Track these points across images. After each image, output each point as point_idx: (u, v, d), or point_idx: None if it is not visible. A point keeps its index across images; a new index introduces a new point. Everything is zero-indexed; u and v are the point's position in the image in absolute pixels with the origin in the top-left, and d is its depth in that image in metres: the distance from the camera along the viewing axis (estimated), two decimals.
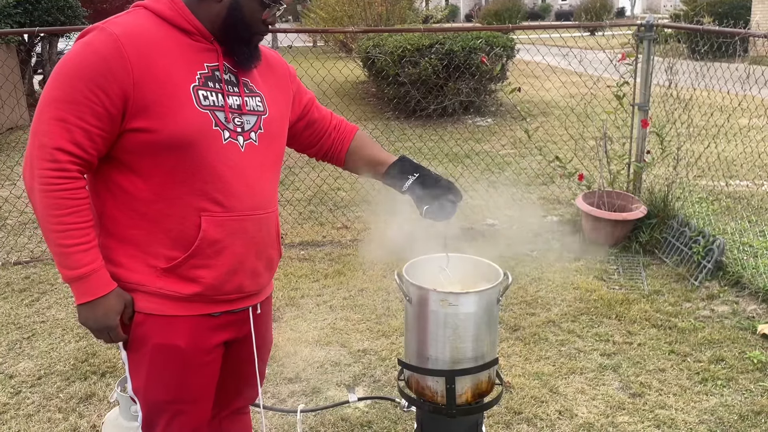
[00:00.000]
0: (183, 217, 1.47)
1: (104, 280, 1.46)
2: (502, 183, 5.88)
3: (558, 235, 4.66)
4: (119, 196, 1.48)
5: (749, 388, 2.83)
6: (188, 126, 1.43)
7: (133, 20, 1.44)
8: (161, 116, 1.41)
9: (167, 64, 1.42)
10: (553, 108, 8.08)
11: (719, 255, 3.80)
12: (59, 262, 1.43)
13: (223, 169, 1.48)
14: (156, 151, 1.43)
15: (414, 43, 8.55)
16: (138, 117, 1.40)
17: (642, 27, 4.45)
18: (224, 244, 1.51)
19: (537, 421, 2.66)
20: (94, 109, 1.37)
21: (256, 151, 1.55)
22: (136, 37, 1.40)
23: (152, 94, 1.40)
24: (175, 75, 1.43)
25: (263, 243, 1.61)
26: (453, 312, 1.92)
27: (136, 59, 1.38)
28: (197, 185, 1.47)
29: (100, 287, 1.45)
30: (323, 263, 4.30)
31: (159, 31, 1.44)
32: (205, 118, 1.46)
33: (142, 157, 1.44)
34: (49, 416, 2.74)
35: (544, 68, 5.46)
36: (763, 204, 4.83)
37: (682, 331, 3.31)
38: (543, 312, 3.56)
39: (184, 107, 1.43)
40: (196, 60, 1.48)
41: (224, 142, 1.48)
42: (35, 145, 1.39)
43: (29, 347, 3.31)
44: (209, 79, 1.49)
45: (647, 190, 4.60)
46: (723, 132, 4.73)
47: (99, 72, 1.36)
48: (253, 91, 1.59)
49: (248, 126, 1.54)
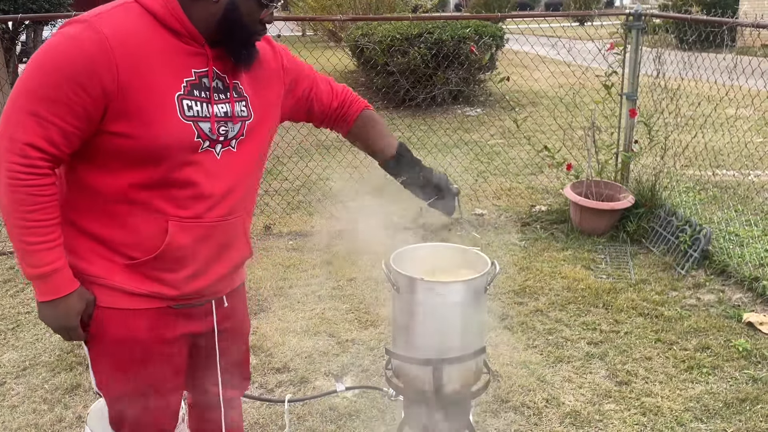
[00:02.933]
0: (150, 220, 1.43)
1: (67, 279, 1.42)
2: (490, 173, 5.88)
3: (546, 224, 4.67)
4: (85, 190, 1.43)
5: (734, 375, 2.85)
6: (169, 137, 1.37)
7: (124, 18, 1.37)
8: (142, 124, 1.35)
9: (154, 69, 1.36)
10: (542, 98, 8.09)
11: (706, 244, 3.83)
12: (21, 259, 1.39)
13: (196, 177, 1.44)
14: (130, 156, 1.38)
15: (403, 33, 8.51)
16: (118, 121, 1.35)
17: (630, 16, 4.45)
18: (190, 249, 1.48)
19: (524, 409, 2.67)
20: (73, 108, 1.31)
21: (233, 158, 1.50)
22: (125, 38, 1.33)
23: (136, 101, 1.34)
24: (161, 82, 1.37)
25: (231, 247, 1.57)
26: (440, 301, 1.91)
27: (123, 63, 1.32)
28: (168, 192, 1.42)
29: (63, 287, 1.41)
30: (312, 253, 4.29)
31: (149, 32, 1.37)
32: (187, 129, 1.40)
33: (115, 159, 1.39)
34: (35, 407, 2.72)
35: (533, 58, 5.45)
36: (750, 193, 4.86)
37: (669, 319, 3.33)
38: (531, 301, 3.57)
39: (167, 117, 1.37)
40: (184, 65, 1.41)
41: (200, 151, 1.43)
42: (4, 136, 1.32)
43: (14, 338, 3.28)
44: (195, 87, 1.42)
45: (635, 179, 4.62)
46: (710, 122, 4.75)
47: (83, 71, 1.30)
48: (242, 95, 1.52)
49: (231, 134, 1.49)
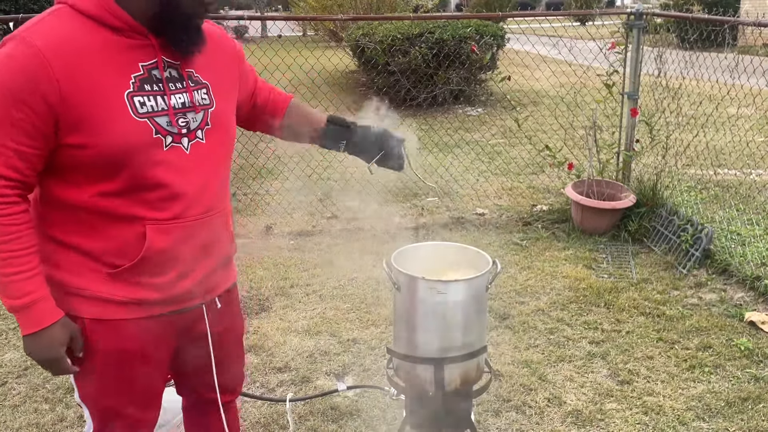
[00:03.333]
0: (126, 226, 1.39)
1: (49, 309, 1.38)
2: (491, 172, 5.88)
3: (547, 224, 4.67)
4: (58, 205, 1.40)
5: (736, 374, 2.85)
6: (124, 138, 1.32)
7: (55, 25, 1.30)
8: (94, 131, 1.30)
9: (97, 72, 1.30)
10: (543, 97, 8.08)
11: (707, 243, 3.82)
12: (1, 292, 1.35)
13: (166, 176, 1.39)
14: (92, 166, 1.34)
15: (404, 32, 8.50)
16: (71, 133, 1.30)
17: (632, 15, 4.44)
18: (172, 252, 1.44)
19: (526, 408, 2.67)
20: (25, 129, 1.27)
21: (204, 149, 1.45)
22: (59, 47, 1.27)
23: (83, 109, 1.29)
24: (106, 84, 1.31)
25: (215, 244, 1.54)
26: (442, 300, 1.91)
27: (61, 73, 1.27)
28: (139, 196, 1.38)
29: (45, 317, 1.37)
30: (313, 253, 4.29)
31: (85, 34, 1.31)
32: (143, 127, 1.35)
33: (78, 171, 1.35)
34: (36, 407, 2.72)
35: (534, 57, 5.45)
36: (751, 193, 4.86)
37: (670, 318, 3.32)
38: (532, 300, 3.57)
39: (119, 119, 1.32)
40: (128, 61, 1.34)
41: (166, 148, 1.38)
42: None
43: (15, 338, 3.27)
44: (146, 81, 1.36)
45: (636, 179, 4.61)
46: (711, 121, 4.74)
47: (24, 88, 1.26)
48: (199, 82, 1.46)
49: (194, 124, 1.43)
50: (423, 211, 5.02)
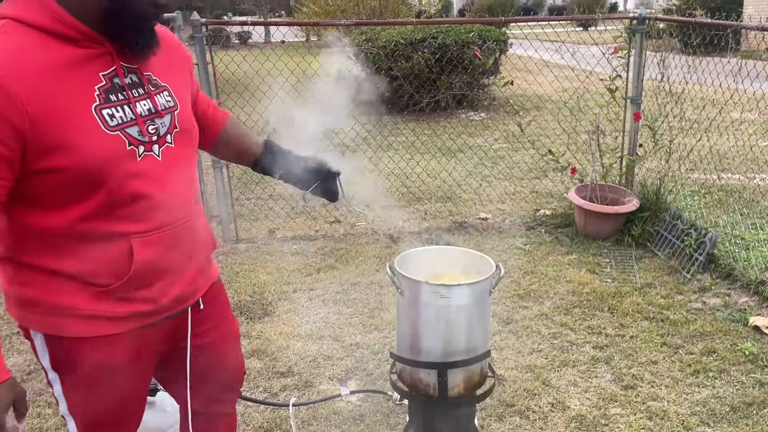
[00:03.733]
0: (110, 245, 1.34)
1: None
2: (494, 177, 5.88)
3: (550, 228, 4.66)
4: (35, 233, 1.32)
5: (741, 379, 2.83)
6: (99, 155, 1.26)
7: (6, 44, 1.21)
8: (67, 152, 1.23)
9: (60, 90, 1.23)
10: (546, 102, 8.08)
11: (711, 248, 3.81)
12: None
13: (143, 187, 1.34)
14: (69, 188, 1.27)
15: (407, 38, 8.52)
16: (43, 157, 1.23)
17: (634, 20, 4.45)
18: (160, 262, 1.41)
19: (529, 413, 2.66)
20: None
21: (174, 154, 1.41)
22: (16, 69, 1.19)
23: (53, 131, 1.22)
24: (71, 101, 1.24)
25: (197, 246, 1.53)
26: (445, 304, 1.91)
27: (25, 98, 1.19)
28: (120, 211, 1.33)
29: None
30: (316, 257, 4.29)
31: (38, 49, 1.23)
32: (116, 140, 1.29)
33: (54, 195, 1.28)
34: (39, 411, 2.72)
35: (536, 62, 5.45)
36: (755, 197, 4.85)
37: (674, 323, 3.31)
38: (536, 305, 3.56)
39: (91, 135, 1.26)
40: (88, 73, 1.28)
41: (139, 158, 1.33)
42: None
43: (18, 342, 3.28)
44: (109, 91, 1.30)
45: (639, 183, 4.61)
46: (715, 125, 4.73)
47: None
48: (159, 85, 1.42)
49: (164, 129, 1.39)
50: (426, 215, 5.01)
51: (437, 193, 5.47)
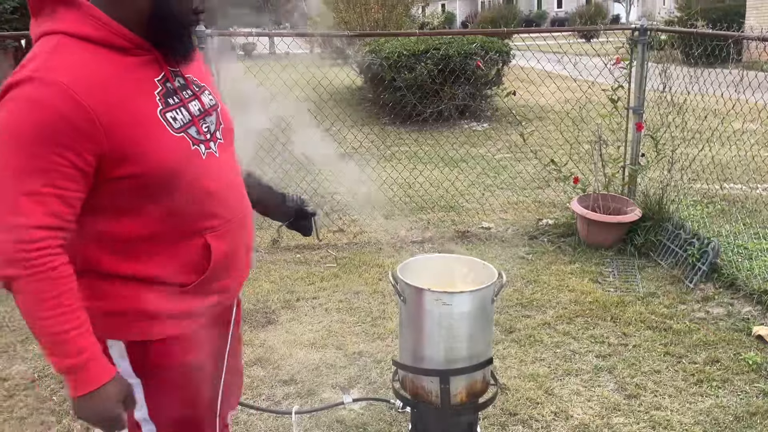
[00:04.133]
0: (187, 243, 1.39)
1: (103, 365, 1.31)
2: (497, 186, 5.89)
3: (553, 237, 4.67)
4: (107, 242, 1.34)
5: (744, 389, 2.83)
6: (171, 158, 1.31)
7: (68, 58, 1.23)
8: (141, 159, 1.27)
9: (126, 98, 1.26)
10: (549, 112, 8.11)
11: (714, 257, 3.81)
12: (54, 352, 1.26)
13: (210, 184, 1.40)
14: (145, 192, 1.31)
15: (410, 49, 8.58)
16: (119, 165, 1.26)
17: (636, 31, 4.48)
18: (230, 254, 1.46)
19: (532, 422, 2.65)
20: (66, 173, 1.21)
21: (224, 149, 1.47)
22: (84, 81, 1.21)
23: (126, 139, 1.25)
24: (138, 108, 1.28)
25: (251, 236, 1.59)
26: (447, 311, 1.92)
27: (97, 106, 1.21)
28: (193, 208, 1.37)
29: (101, 374, 1.29)
30: (319, 266, 4.30)
31: (97, 61, 1.25)
32: (182, 141, 1.34)
33: (131, 200, 1.31)
34: (43, 419, 2.72)
35: (539, 73, 5.48)
36: (758, 207, 4.85)
37: (677, 332, 3.31)
38: (538, 314, 3.56)
39: (161, 140, 1.30)
40: (145, 80, 1.32)
41: (204, 157, 1.38)
42: (6, 228, 1.20)
43: (23, 350, 3.29)
44: (167, 95, 1.35)
45: (642, 193, 4.61)
46: (717, 135, 4.75)
47: (62, 132, 1.18)
48: (200, 85, 1.46)
49: (213, 127, 1.44)
50: (429, 224, 5.03)
51: (440, 203, 5.48)
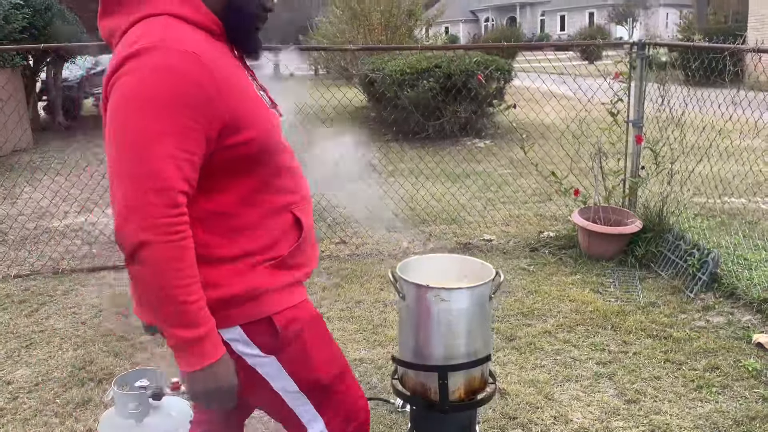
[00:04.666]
0: (279, 215, 1.42)
1: (219, 337, 1.31)
2: (499, 200, 5.93)
3: (554, 249, 4.69)
4: (217, 220, 1.36)
5: (744, 394, 2.83)
6: (269, 129, 1.38)
7: (183, 32, 1.28)
8: (252, 126, 1.33)
9: (232, 73, 1.33)
10: (551, 130, 8.17)
11: (714, 267, 3.83)
12: (179, 323, 1.24)
13: (289, 160, 1.47)
14: (250, 161, 1.35)
15: (413, 67, 8.69)
16: (235, 133, 1.30)
17: (634, 45, 4.55)
18: (309, 228, 1.52)
19: (532, 426, 2.66)
20: (197, 138, 1.24)
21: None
22: (206, 50, 1.28)
23: (239, 106, 1.31)
24: (241, 81, 1.36)
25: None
26: (446, 308, 1.95)
27: (219, 75, 1.27)
28: (278, 183, 1.42)
29: (219, 346, 1.30)
30: (321, 277, 4.33)
31: (204, 38, 1.32)
32: (274, 117, 1.43)
33: (235, 171, 1.34)
34: (46, 420, 2.74)
35: (544, 93, 5.55)
36: (757, 219, 4.87)
37: (678, 340, 3.32)
38: (539, 323, 3.58)
39: (261, 111, 1.38)
40: (235, 62, 1.40)
41: (281, 136, 1.46)
42: (144, 190, 1.19)
43: (27, 355, 3.32)
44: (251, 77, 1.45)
45: (642, 205, 4.65)
46: (715, 146, 4.78)
47: (196, 97, 1.22)
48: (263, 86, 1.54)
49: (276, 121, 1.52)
50: (431, 237, 5.06)
51: (442, 216, 5.52)
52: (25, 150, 9.48)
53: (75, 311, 3.86)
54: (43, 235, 5.34)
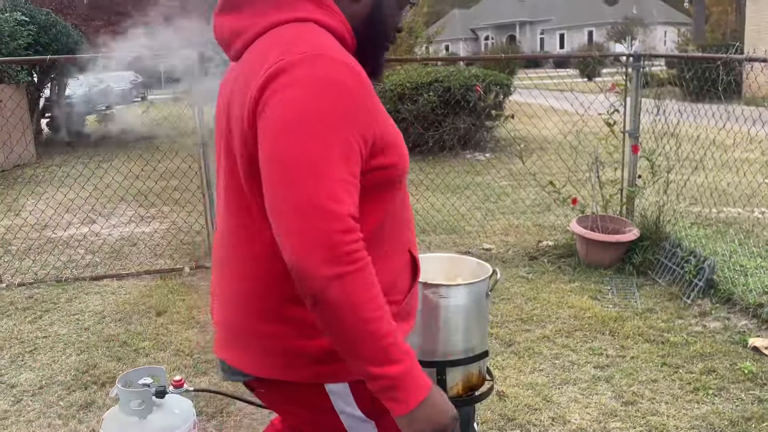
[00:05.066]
0: (400, 253, 1.28)
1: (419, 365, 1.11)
2: (498, 211, 5.99)
3: (553, 258, 4.74)
4: None
5: (740, 396, 2.86)
6: (407, 154, 1.25)
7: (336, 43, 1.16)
8: (394, 148, 1.20)
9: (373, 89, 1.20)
10: (550, 143, 8.25)
11: (710, 273, 3.87)
12: (379, 360, 1.05)
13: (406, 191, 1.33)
14: (386, 186, 1.21)
15: (413, 81, 8.80)
16: (379, 154, 1.16)
17: (630, 57, 4.63)
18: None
19: (530, 427, 2.69)
20: (356, 159, 1.10)
21: None
22: (357, 64, 1.16)
23: (384, 126, 1.18)
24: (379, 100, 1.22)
25: None
26: (444, 304, 1.99)
27: (372, 90, 1.15)
28: (403, 215, 1.28)
29: (424, 375, 1.11)
30: None
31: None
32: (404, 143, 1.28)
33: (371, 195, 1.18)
34: (49, 422, 2.78)
35: (546, 109, 5.64)
36: (753, 228, 4.92)
37: (675, 345, 3.35)
38: (538, 328, 3.61)
39: (398, 134, 1.24)
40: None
41: None
42: (323, 218, 1.03)
43: (31, 360, 3.36)
44: None
45: (640, 214, 4.70)
46: (710, 156, 4.85)
47: (357, 115, 1.10)
48: None
49: None
50: (431, 246, 5.11)
51: (442, 225, 5.57)
52: (28, 164, 9.58)
53: (78, 318, 3.90)
54: (46, 245, 5.40)
